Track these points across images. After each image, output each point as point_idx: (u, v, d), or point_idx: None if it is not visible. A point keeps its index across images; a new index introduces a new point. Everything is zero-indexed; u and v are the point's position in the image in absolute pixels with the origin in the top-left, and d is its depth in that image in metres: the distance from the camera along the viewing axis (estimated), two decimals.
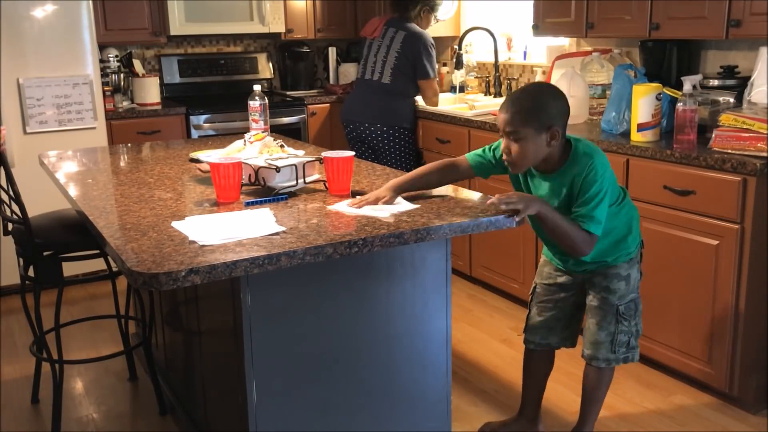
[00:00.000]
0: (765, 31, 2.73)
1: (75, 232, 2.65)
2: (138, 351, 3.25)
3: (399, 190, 2.20)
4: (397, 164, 4.17)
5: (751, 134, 2.66)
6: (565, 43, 4.12)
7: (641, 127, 3.01)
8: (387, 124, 4.13)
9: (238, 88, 5.26)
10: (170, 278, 1.60)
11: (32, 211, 2.68)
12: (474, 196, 2.27)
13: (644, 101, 2.98)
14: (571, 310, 2.49)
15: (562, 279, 2.45)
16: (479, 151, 2.37)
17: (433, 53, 4.18)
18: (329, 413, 2.06)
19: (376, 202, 2.12)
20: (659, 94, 3.00)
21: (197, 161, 2.74)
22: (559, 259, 2.43)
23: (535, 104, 2.11)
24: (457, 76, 4.69)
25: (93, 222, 2.04)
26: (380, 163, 4.00)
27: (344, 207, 2.12)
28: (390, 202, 2.13)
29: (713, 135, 2.78)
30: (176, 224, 1.96)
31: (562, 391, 2.95)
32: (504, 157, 2.18)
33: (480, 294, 4.03)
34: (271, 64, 5.48)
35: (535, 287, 2.54)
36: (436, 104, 4.29)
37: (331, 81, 5.53)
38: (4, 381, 3.16)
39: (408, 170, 4.12)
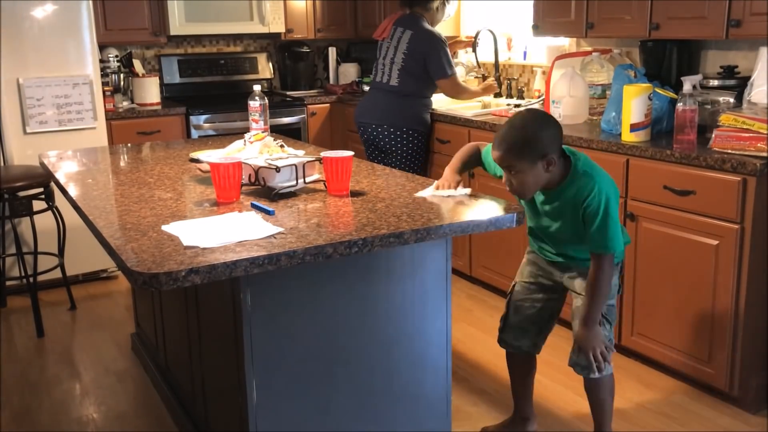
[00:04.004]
0: (765, 31, 2.73)
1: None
2: (137, 351, 3.25)
3: (459, 173, 2.39)
4: (404, 166, 4.11)
5: (751, 134, 2.66)
6: (565, 43, 4.12)
7: (634, 128, 3.01)
8: (394, 126, 4.09)
9: (238, 88, 5.26)
10: (170, 278, 1.60)
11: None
12: (473, 196, 2.27)
13: (637, 101, 2.98)
14: (547, 314, 2.46)
15: (543, 280, 2.44)
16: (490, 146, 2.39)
17: (446, 49, 4.03)
18: (329, 413, 2.06)
19: (456, 186, 2.29)
20: (651, 94, 3.00)
21: (197, 161, 2.74)
22: (560, 257, 2.38)
23: (524, 138, 2.09)
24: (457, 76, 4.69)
25: (93, 222, 2.04)
26: (388, 165, 3.98)
27: (429, 193, 2.27)
28: (457, 185, 2.32)
29: (713, 135, 2.78)
30: (167, 228, 1.93)
31: (562, 390, 2.95)
32: (507, 188, 2.20)
33: (480, 294, 4.02)
34: (271, 64, 5.48)
35: (514, 286, 2.51)
36: (465, 98, 4.27)
37: (331, 81, 5.53)
38: (4, 380, 3.16)
39: (415, 173, 4.13)
